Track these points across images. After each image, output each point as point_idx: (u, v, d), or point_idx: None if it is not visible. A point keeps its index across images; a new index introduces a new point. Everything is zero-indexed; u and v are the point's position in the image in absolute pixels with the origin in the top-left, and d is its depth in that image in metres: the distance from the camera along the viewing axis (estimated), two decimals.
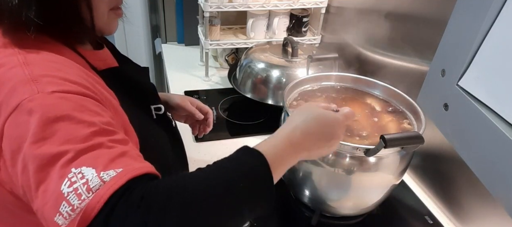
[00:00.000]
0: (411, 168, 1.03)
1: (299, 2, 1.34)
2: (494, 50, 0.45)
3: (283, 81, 1.15)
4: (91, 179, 0.42)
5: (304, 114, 0.60)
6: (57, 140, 0.44)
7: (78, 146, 0.44)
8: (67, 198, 0.41)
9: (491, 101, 0.45)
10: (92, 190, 0.41)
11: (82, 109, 0.47)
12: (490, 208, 0.80)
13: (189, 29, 1.72)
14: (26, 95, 0.46)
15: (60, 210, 0.41)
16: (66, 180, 0.42)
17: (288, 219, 0.88)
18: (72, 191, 0.41)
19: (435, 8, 0.89)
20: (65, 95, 0.48)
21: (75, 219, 0.41)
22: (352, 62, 1.28)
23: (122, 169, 0.44)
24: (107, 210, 0.41)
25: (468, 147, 0.48)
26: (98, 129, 0.47)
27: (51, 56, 0.53)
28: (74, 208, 0.41)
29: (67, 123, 0.45)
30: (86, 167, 0.43)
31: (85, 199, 0.41)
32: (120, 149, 0.47)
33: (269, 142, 0.55)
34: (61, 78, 0.49)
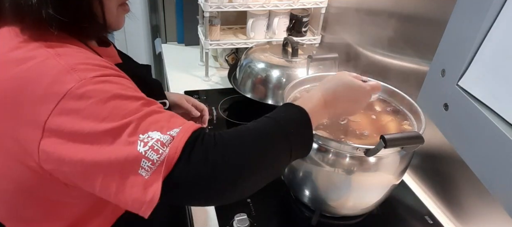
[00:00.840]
0: (411, 168, 1.03)
1: (299, 2, 1.34)
2: (494, 50, 0.45)
3: (283, 81, 1.15)
4: (161, 138, 0.49)
5: (337, 79, 0.69)
6: (116, 116, 0.49)
7: (136, 116, 0.50)
8: (145, 155, 0.48)
9: (491, 101, 0.45)
10: (165, 145, 0.49)
11: (124, 88, 0.53)
12: (490, 208, 0.80)
13: (189, 29, 1.72)
14: (72, 83, 0.49)
15: (141, 165, 0.48)
16: (139, 143, 0.48)
17: (288, 219, 0.88)
18: (149, 148, 0.48)
19: (435, 8, 0.89)
20: (105, 78, 0.52)
21: (159, 169, 0.48)
22: (352, 62, 1.28)
23: (181, 126, 0.51)
24: (186, 154, 0.49)
25: (468, 147, 0.48)
26: (145, 100, 0.54)
27: (74, 48, 0.55)
28: (154, 162, 0.48)
29: (118, 100, 0.50)
30: (151, 131, 0.49)
31: (163, 153, 0.48)
32: (168, 113, 0.54)
33: (308, 99, 0.65)
34: (94, 64, 0.53)
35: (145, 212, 0.49)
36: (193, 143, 0.50)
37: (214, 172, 0.50)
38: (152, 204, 0.48)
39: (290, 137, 0.58)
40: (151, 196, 0.48)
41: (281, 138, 0.57)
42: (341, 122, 0.79)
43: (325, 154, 0.73)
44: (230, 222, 0.82)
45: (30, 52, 0.52)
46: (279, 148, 0.57)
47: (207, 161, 0.50)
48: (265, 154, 0.55)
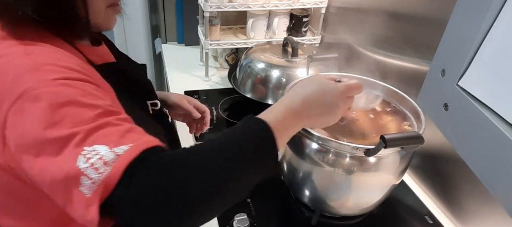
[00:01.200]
0: (411, 168, 1.03)
1: (299, 2, 1.34)
2: (494, 50, 0.45)
3: (283, 81, 1.15)
4: (106, 154, 0.45)
5: (305, 83, 0.63)
6: (66, 123, 0.46)
7: (87, 126, 0.47)
8: (85, 173, 0.44)
9: (491, 101, 0.45)
10: (108, 163, 0.45)
11: (85, 94, 0.50)
12: (490, 208, 0.80)
13: (189, 29, 1.72)
14: (30, 83, 0.48)
15: (82, 182, 0.44)
16: (81, 157, 0.45)
17: (288, 219, 0.88)
18: (89, 166, 0.44)
19: (435, 8, 0.89)
20: (67, 82, 0.50)
21: (98, 189, 0.44)
22: (352, 62, 1.27)
23: (132, 143, 0.47)
24: (127, 178, 0.44)
25: (468, 147, 0.48)
26: (103, 110, 0.50)
27: (50, 47, 0.54)
28: (94, 181, 0.44)
29: (73, 107, 0.48)
30: (98, 144, 0.46)
31: (103, 172, 0.44)
32: (127, 125, 0.50)
33: (272, 110, 0.58)
34: (61, 66, 0.51)
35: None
36: (137, 165, 0.45)
37: (155, 200, 0.45)
38: (93, 224, 0.45)
39: (248, 157, 0.52)
40: (91, 216, 0.45)
41: (236, 161, 0.51)
42: (341, 123, 0.79)
43: (325, 154, 0.73)
44: (230, 222, 0.82)
45: (4, 50, 0.52)
46: (236, 172, 0.51)
47: (149, 187, 0.45)
48: (215, 185, 0.48)
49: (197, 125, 0.97)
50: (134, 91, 0.69)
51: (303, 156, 0.76)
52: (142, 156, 0.46)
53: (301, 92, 0.61)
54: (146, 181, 0.45)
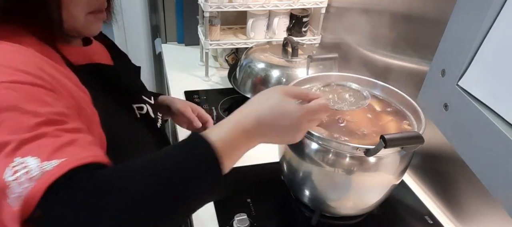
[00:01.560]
0: (411, 168, 1.03)
1: (299, 2, 1.34)
2: (494, 50, 0.45)
3: (283, 81, 1.15)
4: (33, 169, 0.42)
5: (261, 100, 0.58)
6: (2, 130, 0.44)
7: (22, 136, 0.44)
8: (10, 186, 0.42)
9: (491, 101, 0.45)
10: (33, 179, 0.42)
11: (29, 100, 0.47)
12: (490, 208, 0.80)
13: (189, 29, 1.72)
14: None
15: (8, 195, 0.42)
16: (9, 169, 0.43)
17: (288, 219, 0.88)
18: (15, 179, 0.42)
19: (435, 8, 0.89)
20: (13, 85, 0.48)
21: (21, 205, 0.42)
22: (352, 62, 1.28)
23: (66, 158, 0.44)
24: (47, 198, 0.42)
25: (468, 147, 0.48)
26: (45, 119, 0.47)
27: (11, 47, 0.53)
28: (17, 196, 0.42)
29: (12, 113, 0.46)
30: (30, 157, 0.43)
31: (26, 188, 0.42)
32: (68, 137, 0.47)
33: (221, 127, 0.53)
34: (13, 68, 0.49)
35: None
36: (61, 185, 0.42)
37: (73, 224, 0.42)
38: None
39: (186, 178, 0.47)
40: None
41: (173, 181, 0.46)
42: (340, 124, 0.79)
43: (325, 154, 0.73)
44: (230, 222, 0.82)
45: None
46: (169, 196, 0.46)
47: (66, 212, 0.42)
48: (148, 206, 0.44)
49: None
50: (118, 94, 0.68)
51: (303, 156, 0.76)
52: (70, 175, 0.43)
53: (256, 109, 0.56)
54: (64, 205, 0.42)
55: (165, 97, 0.97)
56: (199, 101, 1.31)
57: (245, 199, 0.89)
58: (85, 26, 0.62)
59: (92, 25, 0.63)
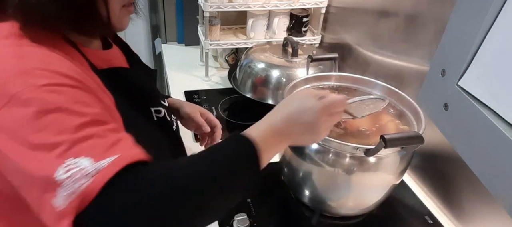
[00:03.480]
0: (411, 168, 1.03)
1: (299, 2, 1.34)
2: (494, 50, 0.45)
3: (283, 81, 1.15)
4: (88, 166, 0.44)
5: (288, 101, 0.62)
6: (51, 131, 0.46)
7: (73, 136, 0.46)
8: (63, 184, 0.43)
9: (491, 101, 0.45)
10: (89, 175, 0.44)
11: (73, 101, 0.49)
12: (490, 208, 0.80)
13: (189, 29, 1.72)
14: (19, 87, 0.48)
15: (57, 193, 0.43)
16: (61, 168, 0.44)
17: (288, 219, 0.88)
18: (69, 177, 0.43)
19: (435, 8, 0.89)
20: (56, 88, 0.49)
21: (74, 202, 0.43)
22: (352, 62, 1.28)
23: (117, 156, 0.46)
24: (104, 195, 0.43)
25: (468, 147, 0.48)
26: (91, 119, 0.49)
27: (45, 50, 0.54)
28: (71, 193, 0.43)
29: (59, 114, 0.47)
30: (83, 157, 0.45)
31: (82, 185, 0.43)
32: (114, 137, 0.49)
33: (256, 128, 0.57)
34: (52, 71, 0.51)
35: None
36: (114, 183, 0.44)
37: (130, 218, 0.44)
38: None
39: (230, 173, 0.51)
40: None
41: (220, 176, 0.50)
42: (338, 128, 0.79)
43: (325, 154, 0.73)
44: (230, 222, 0.82)
45: (1, 49, 0.53)
46: (216, 189, 0.50)
47: (125, 205, 0.44)
48: (197, 200, 0.48)
49: (208, 138, 0.96)
50: (138, 98, 0.69)
51: (303, 156, 0.76)
52: (123, 172, 0.45)
53: (282, 110, 0.60)
54: (123, 198, 0.44)
55: (174, 100, 0.97)
56: (199, 102, 1.31)
57: (245, 199, 0.89)
58: (119, 20, 0.63)
59: (124, 19, 0.64)
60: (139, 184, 0.45)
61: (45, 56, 0.53)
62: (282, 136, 0.59)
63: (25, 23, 0.54)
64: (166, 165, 0.49)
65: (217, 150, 0.54)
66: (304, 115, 0.60)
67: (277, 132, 0.58)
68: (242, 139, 0.54)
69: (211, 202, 0.50)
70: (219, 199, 0.51)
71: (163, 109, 0.76)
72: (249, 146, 0.53)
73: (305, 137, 0.62)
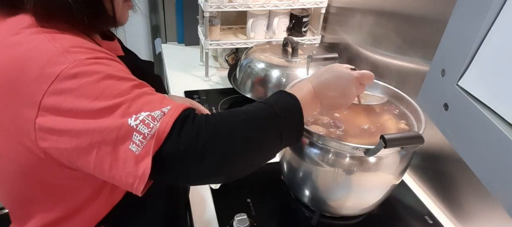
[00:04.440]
0: (411, 168, 1.03)
1: (299, 2, 1.34)
2: (494, 50, 0.45)
3: (283, 81, 1.15)
4: (153, 113, 0.50)
5: (326, 70, 0.71)
6: (109, 95, 0.50)
7: (129, 96, 0.51)
8: (137, 129, 0.49)
9: (491, 101, 0.45)
10: (156, 119, 0.50)
11: (117, 70, 0.54)
12: (490, 208, 0.80)
13: (189, 29, 1.72)
14: (66, 64, 0.50)
15: (133, 139, 0.49)
16: (131, 117, 0.49)
17: (288, 219, 0.88)
18: (140, 122, 0.49)
19: (435, 8, 0.89)
20: (98, 60, 0.53)
21: (149, 143, 0.49)
22: (352, 62, 1.28)
23: (172, 105, 0.52)
24: (177, 130, 0.50)
25: (468, 147, 0.48)
26: (137, 82, 0.54)
27: (71, 36, 0.57)
28: (145, 135, 0.49)
29: (110, 81, 0.51)
30: (144, 111, 0.50)
31: (153, 127, 0.49)
32: (159, 94, 0.55)
33: (299, 89, 0.67)
34: (88, 48, 0.54)
35: (138, 188, 0.50)
36: (183, 120, 0.51)
37: (203, 150, 0.51)
38: (144, 178, 0.49)
39: (281, 122, 0.59)
40: (142, 171, 0.49)
41: (272, 122, 0.58)
42: (339, 128, 0.80)
43: (325, 154, 0.73)
44: (230, 222, 0.82)
45: (28, 37, 0.54)
46: (270, 132, 0.58)
47: (198, 137, 0.51)
48: (255, 136, 0.56)
49: None
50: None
51: (303, 156, 0.76)
52: (185, 113, 0.52)
53: (320, 76, 0.69)
54: (194, 132, 0.51)
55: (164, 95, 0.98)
56: (199, 101, 1.31)
57: (245, 199, 0.89)
58: (122, 14, 0.65)
59: (125, 14, 0.67)
60: (205, 121, 0.52)
61: (74, 38, 0.56)
62: (318, 98, 0.68)
63: (42, 17, 0.55)
64: (221, 112, 0.57)
65: (270, 100, 0.61)
66: (340, 81, 0.69)
67: (316, 94, 0.67)
68: (291, 95, 0.63)
69: (265, 140, 0.58)
70: (271, 140, 0.58)
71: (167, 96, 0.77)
72: (295, 100, 0.62)
73: (337, 101, 0.70)
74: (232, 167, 0.56)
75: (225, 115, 0.56)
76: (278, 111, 0.59)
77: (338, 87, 0.69)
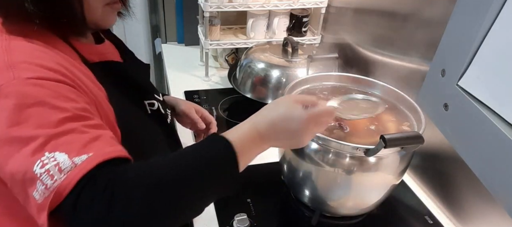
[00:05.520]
0: (411, 168, 1.03)
1: (299, 2, 1.34)
2: (494, 50, 0.45)
3: (283, 81, 1.15)
4: (63, 162, 0.45)
5: (274, 106, 0.62)
6: (31, 124, 0.46)
7: (51, 131, 0.46)
8: (40, 178, 0.44)
9: (491, 101, 0.45)
10: (63, 172, 0.45)
11: (56, 96, 0.49)
12: (490, 208, 0.80)
13: (189, 29, 1.72)
14: (3, 81, 0.48)
15: (37, 187, 0.45)
16: (38, 162, 0.45)
17: (288, 219, 0.88)
18: (45, 172, 0.44)
19: (436, 8, 0.89)
20: (40, 81, 0.49)
21: (49, 197, 0.44)
22: (352, 62, 1.28)
23: (93, 153, 0.47)
24: (76, 193, 0.44)
25: (468, 147, 0.48)
26: (72, 114, 0.49)
27: (34, 45, 0.55)
28: (47, 187, 0.44)
29: (40, 108, 0.48)
30: (59, 152, 0.45)
31: (57, 180, 0.44)
32: (93, 133, 0.49)
33: (237, 130, 0.58)
34: (38, 65, 0.51)
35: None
36: (87, 180, 0.45)
37: (102, 216, 0.44)
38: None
39: (208, 175, 0.51)
40: (42, 221, 0.45)
41: (196, 177, 0.50)
42: (341, 126, 0.79)
43: (325, 154, 0.73)
44: (230, 222, 0.82)
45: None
46: (192, 191, 0.50)
47: (96, 203, 0.44)
48: (170, 201, 0.48)
49: (204, 135, 0.97)
50: (131, 90, 0.70)
51: (303, 156, 0.76)
52: (97, 168, 0.46)
53: (267, 115, 0.60)
54: (94, 196, 0.44)
55: (170, 97, 0.97)
56: (199, 101, 1.31)
57: (245, 199, 0.89)
58: (103, 17, 0.64)
59: (109, 17, 0.65)
60: (112, 181, 0.45)
61: (32, 49, 0.54)
62: (264, 140, 0.59)
63: (5, 17, 0.54)
64: (143, 163, 0.49)
65: (196, 150, 0.54)
66: (289, 123, 0.59)
67: (261, 135, 0.58)
68: (222, 140, 0.54)
69: (185, 200, 0.50)
70: (194, 198, 0.51)
71: (156, 103, 0.76)
72: (227, 147, 0.53)
73: (288, 143, 0.63)
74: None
75: (136, 174, 0.47)
76: (205, 166, 0.51)
77: (287, 130, 0.59)
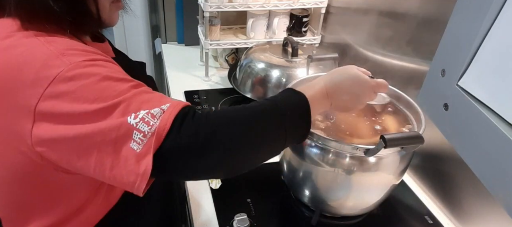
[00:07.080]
0: (411, 168, 1.03)
1: (299, 2, 1.34)
2: (494, 50, 0.45)
3: (283, 81, 1.15)
4: (152, 110, 0.50)
5: (343, 71, 0.69)
6: (107, 96, 0.50)
7: (127, 96, 0.51)
8: (136, 127, 0.49)
9: (491, 101, 0.45)
10: (156, 117, 0.50)
11: (114, 71, 0.54)
12: (490, 208, 0.80)
13: (189, 29, 1.72)
14: (62, 67, 0.50)
15: (133, 137, 0.49)
16: (130, 115, 0.49)
17: (288, 219, 0.88)
18: (140, 120, 0.49)
19: (435, 8, 0.89)
20: (94, 62, 0.53)
21: (150, 141, 0.49)
22: (352, 62, 1.27)
23: (171, 102, 0.52)
24: (177, 127, 0.50)
25: (468, 147, 0.48)
26: (135, 82, 0.54)
27: (65, 38, 0.56)
28: (146, 133, 0.49)
29: (109, 82, 0.51)
30: (143, 109, 0.50)
31: (153, 124, 0.49)
32: (158, 93, 0.55)
33: (310, 87, 0.65)
34: (82, 50, 0.54)
35: (140, 187, 0.50)
36: (183, 116, 0.51)
37: (203, 145, 0.50)
38: (146, 176, 0.49)
39: (286, 121, 0.58)
40: (144, 168, 0.49)
41: (276, 120, 0.57)
42: (331, 120, 0.79)
43: (325, 154, 0.73)
44: (230, 222, 0.82)
45: (20, 40, 0.53)
46: (273, 130, 0.57)
47: (197, 133, 0.51)
48: (257, 134, 0.55)
49: None
50: None
51: (303, 156, 0.76)
52: (185, 110, 0.52)
53: (337, 77, 0.67)
54: (194, 129, 0.50)
55: None
56: (199, 101, 1.31)
57: (245, 199, 0.89)
58: (109, 16, 0.65)
59: (114, 15, 0.66)
60: (205, 117, 0.52)
61: (68, 41, 0.55)
62: (329, 99, 0.66)
63: (28, 19, 0.55)
64: (223, 108, 0.56)
65: (277, 98, 0.60)
66: (356, 86, 0.68)
67: (328, 94, 0.65)
68: (300, 94, 0.61)
69: (267, 140, 0.57)
70: (274, 139, 0.58)
71: None
72: (305, 100, 0.61)
73: (348, 104, 0.69)
74: (233, 162, 0.55)
75: (227, 110, 0.55)
76: (284, 108, 0.58)
77: (352, 92, 0.68)
